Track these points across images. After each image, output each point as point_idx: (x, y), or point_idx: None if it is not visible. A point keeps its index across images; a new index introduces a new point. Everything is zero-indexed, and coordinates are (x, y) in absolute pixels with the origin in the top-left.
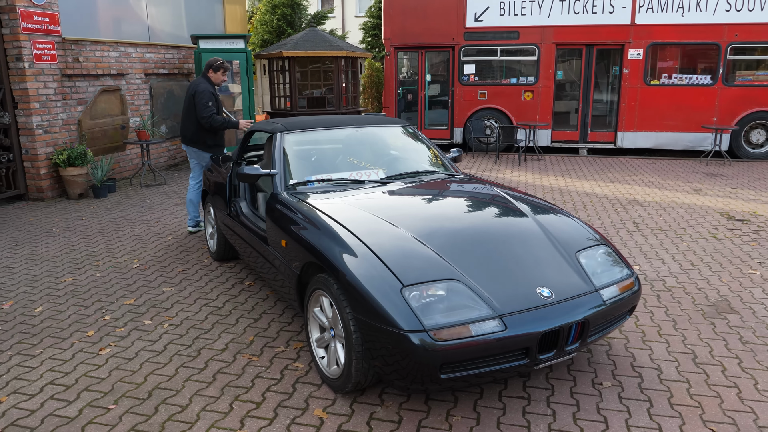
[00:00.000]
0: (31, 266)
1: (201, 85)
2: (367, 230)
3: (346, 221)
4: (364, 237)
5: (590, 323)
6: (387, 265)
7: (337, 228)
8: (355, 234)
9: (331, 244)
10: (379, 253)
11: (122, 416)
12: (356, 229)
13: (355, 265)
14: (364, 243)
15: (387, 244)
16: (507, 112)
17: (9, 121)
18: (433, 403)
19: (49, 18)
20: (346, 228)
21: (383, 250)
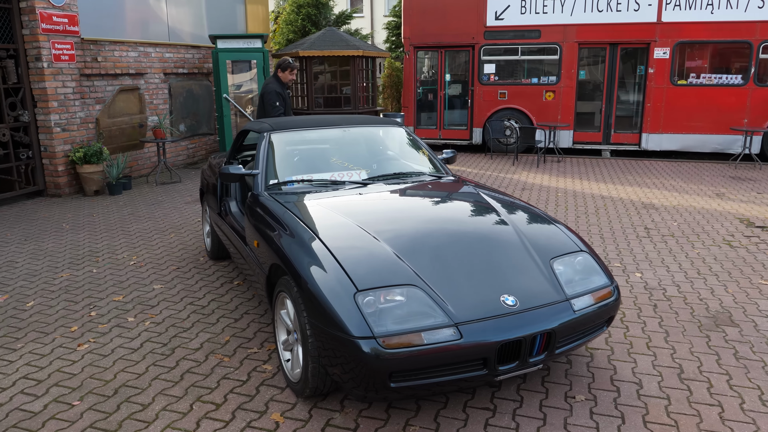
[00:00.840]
0: (33, 261)
1: (269, 86)
2: (333, 233)
3: (313, 223)
4: (327, 240)
5: (557, 334)
6: (345, 269)
7: (302, 230)
8: (319, 236)
9: (294, 245)
10: (339, 256)
11: (84, 413)
12: (321, 231)
13: (313, 268)
14: (326, 246)
15: (349, 248)
16: (527, 112)
17: (29, 119)
18: (394, 411)
19: (68, 19)
20: (312, 230)
21: (344, 253)
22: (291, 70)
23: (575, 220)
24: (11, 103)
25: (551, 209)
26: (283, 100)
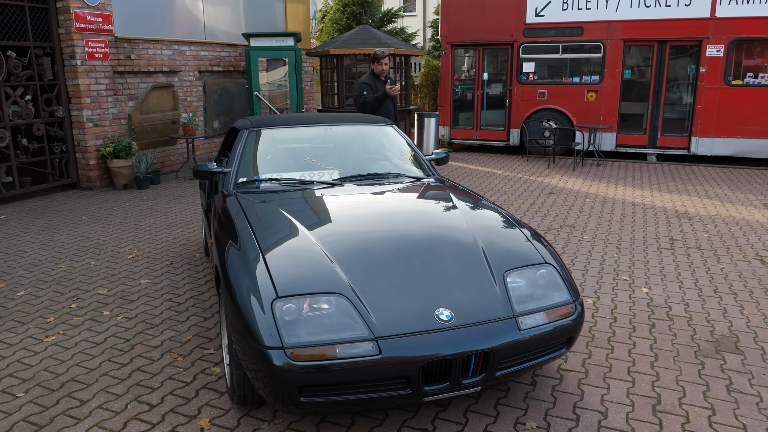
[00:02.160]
0: (41, 251)
1: (361, 78)
2: (274, 236)
3: (258, 225)
4: (264, 243)
5: (496, 355)
6: (271, 274)
7: (244, 231)
8: (257, 239)
9: (231, 247)
10: (270, 260)
11: (24, 405)
12: (263, 233)
13: (240, 271)
14: (261, 249)
15: (283, 252)
16: (568, 113)
17: (63, 114)
18: (326, 425)
19: (102, 18)
20: (254, 232)
21: (276, 258)
22: (378, 61)
23: (595, 228)
24: (47, 99)
25: (572, 216)
26: (372, 90)
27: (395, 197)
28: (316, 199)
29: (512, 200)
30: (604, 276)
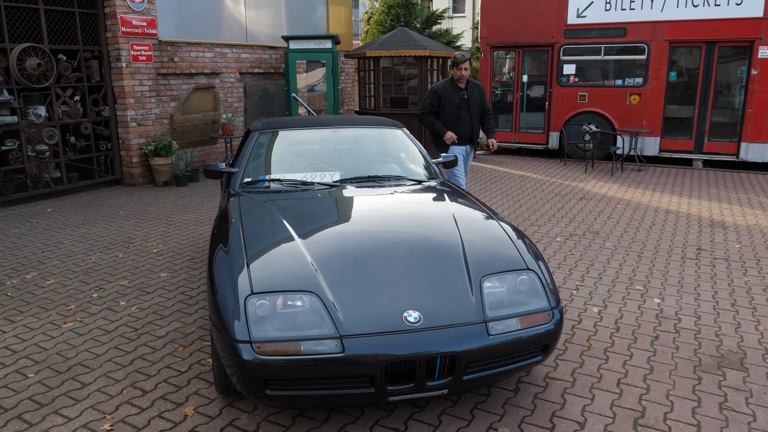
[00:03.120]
0: (76, 243)
1: (434, 84)
2: (261, 235)
3: (249, 223)
4: (250, 241)
5: (462, 359)
6: (250, 271)
7: (235, 229)
8: (244, 237)
9: (221, 243)
10: (252, 258)
11: (32, 385)
12: (252, 232)
13: (223, 267)
14: (245, 247)
15: (267, 251)
16: (609, 116)
17: (109, 114)
18: (302, 419)
19: (147, 23)
20: (242, 230)
21: (258, 256)
22: (456, 66)
23: (619, 236)
24: (94, 99)
25: (599, 222)
26: (438, 99)
27: (390, 200)
28: (312, 200)
29: (540, 204)
30: (617, 285)
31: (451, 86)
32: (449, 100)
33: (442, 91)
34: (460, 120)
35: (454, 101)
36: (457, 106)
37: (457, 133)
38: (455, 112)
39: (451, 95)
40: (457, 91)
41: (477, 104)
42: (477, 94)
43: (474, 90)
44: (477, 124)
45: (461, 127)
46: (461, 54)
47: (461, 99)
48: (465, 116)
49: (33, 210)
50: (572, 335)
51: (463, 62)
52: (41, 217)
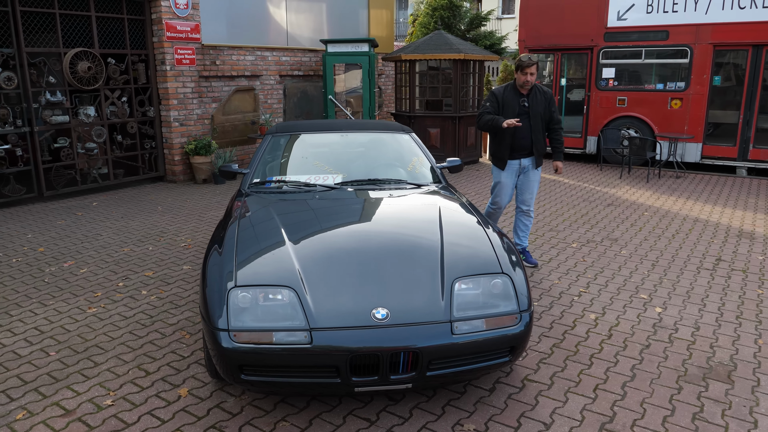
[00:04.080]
0: (113, 236)
1: (496, 87)
2: (255, 233)
3: (246, 222)
4: (242, 238)
5: (425, 355)
6: (236, 266)
7: (231, 226)
8: (238, 235)
9: (216, 240)
10: (241, 254)
11: (51, 362)
12: (246, 230)
13: (214, 261)
14: (237, 244)
15: (255, 248)
16: (649, 121)
17: (154, 114)
18: (283, 405)
19: (191, 28)
20: (238, 227)
21: (246, 251)
22: (524, 70)
23: (638, 243)
24: (140, 100)
25: (621, 229)
26: (497, 102)
27: (383, 203)
28: (310, 202)
29: (565, 209)
30: (622, 293)
31: (512, 91)
32: (507, 107)
33: (502, 95)
34: (517, 129)
35: (513, 108)
36: (515, 114)
37: (514, 144)
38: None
39: (511, 101)
40: (518, 97)
41: (540, 113)
42: (542, 103)
43: (538, 97)
44: (540, 137)
45: (518, 138)
46: (527, 57)
47: (521, 106)
48: (524, 126)
49: (80, 203)
50: (562, 340)
51: (529, 66)
52: (87, 210)
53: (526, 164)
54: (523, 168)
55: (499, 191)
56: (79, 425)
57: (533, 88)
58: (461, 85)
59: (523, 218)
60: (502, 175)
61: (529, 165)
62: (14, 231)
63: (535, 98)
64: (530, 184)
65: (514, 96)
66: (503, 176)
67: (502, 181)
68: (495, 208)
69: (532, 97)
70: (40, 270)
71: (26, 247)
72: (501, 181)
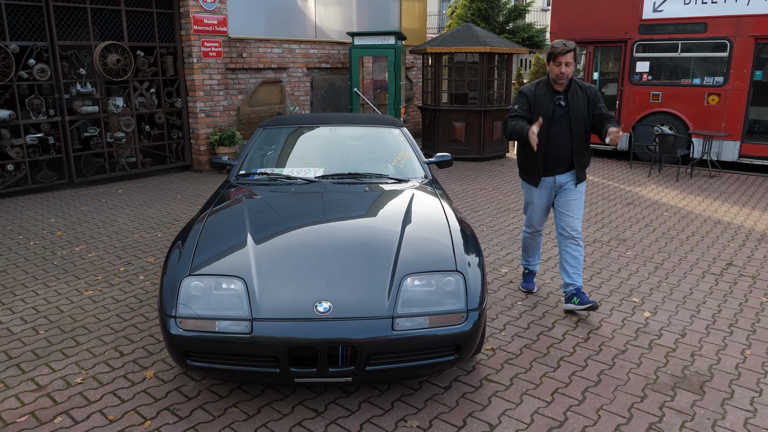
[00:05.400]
0: (128, 222)
1: (525, 85)
2: (220, 223)
3: (217, 212)
4: (207, 227)
5: (363, 349)
6: (194, 255)
7: (201, 216)
8: (205, 223)
9: (186, 229)
10: (201, 244)
11: (39, 341)
12: (214, 220)
13: (175, 248)
14: (201, 233)
15: (217, 238)
16: (684, 117)
17: (181, 105)
18: (238, 392)
19: (218, 21)
20: (207, 218)
21: (208, 241)
22: (557, 59)
23: (647, 245)
24: (168, 92)
25: (633, 229)
26: (528, 103)
27: (355, 198)
28: (284, 194)
29: None
30: (614, 295)
31: (545, 89)
32: (539, 108)
33: (533, 93)
34: (552, 137)
35: (546, 109)
36: (548, 117)
37: (548, 155)
38: (545, 126)
39: (543, 100)
40: (552, 96)
41: (582, 115)
42: (583, 101)
43: (578, 95)
44: (582, 145)
45: (553, 147)
46: (561, 43)
47: (556, 106)
48: (561, 132)
49: (107, 190)
50: (535, 341)
51: (563, 54)
52: (111, 197)
53: (564, 181)
54: (560, 186)
55: (531, 213)
56: (45, 400)
57: (571, 83)
58: (488, 78)
59: (569, 247)
60: (534, 194)
61: (567, 182)
62: (40, 215)
63: (574, 96)
64: (571, 203)
65: (548, 95)
66: (535, 194)
67: (534, 201)
68: (531, 232)
69: (570, 94)
70: (52, 253)
71: (46, 230)
72: (533, 201)
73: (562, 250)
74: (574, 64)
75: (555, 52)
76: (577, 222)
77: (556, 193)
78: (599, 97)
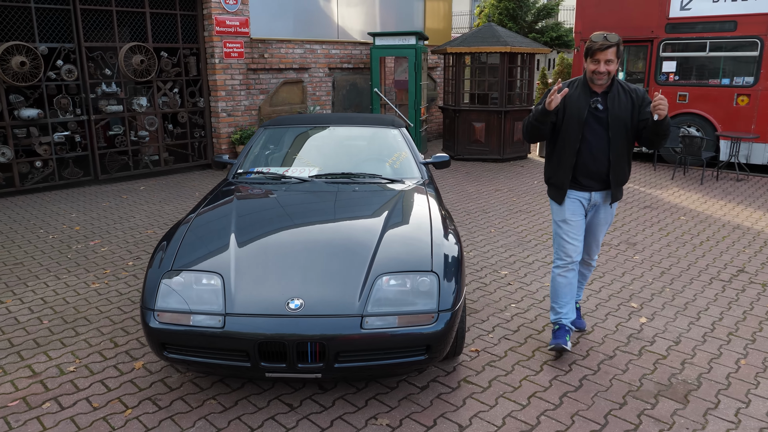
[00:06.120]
0: (144, 218)
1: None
2: (208, 220)
3: (207, 209)
4: (194, 224)
5: (331, 346)
6: (178, 250)
7: (191, 214)
8: (193, 220)
9: (176, 227)
10: (186, 239)
11: (41, 329)
12: (202, 217)
13: (162, 243)
14: (187, 230)
15: (202, 234)
16: (711, 118)
17: (203, 105)
18: (219, 384)
19: (240, 22)
20: (195, 214)
21: (192, 238)
22: (594, 55)
23: (657, 250)
24: (191, 91)
25: (645, 233)
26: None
27: (343, 198)
28: (273, 193)
29: None
30: (613, 300)
31: (581, 89)
32: (572, 110)
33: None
34: (585, 144)
35: (579, 113)
36: (581, 122)
37: (579, 165)
38: (577, 132)
39: (577, 102)
40: (588, 97)
41: (624, 122)
42: (626, 106)
43: (620, 98)
44: (621, 157)
45: (587, 157)
46: (601, 36)
47: (591, 110)
48: (596, 141)
49: (129, 187)
50: (521, 344)
51: (602, 50)
52: (132, 194)
53: (599, 201)
54: (594, 205)
55: (565, 236)
56: (38, 386)
57: (614, 84)
58: (509, 78)
59: (582, 268)
60: (566, 212)
61: (601, 201)
62: (63, 210)
63: (615, 99)
64: (599, 228)
65: (583, 95)
66: (567, 212)
67: (567, 220)
68: (564, 264)
69: (611, 97)
70: (68, 246)
71: (66, 225)
72: (566, 218)
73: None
74: (617, 62)
75: (593, 47)
76: (596, 249)
77: (587, 213)
78: (648, 101)
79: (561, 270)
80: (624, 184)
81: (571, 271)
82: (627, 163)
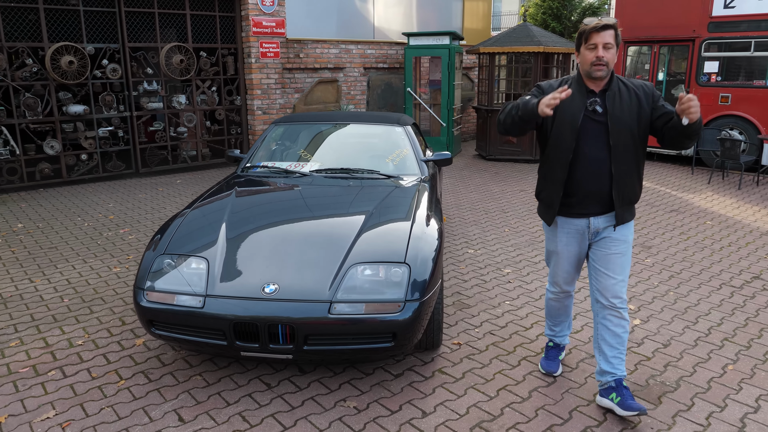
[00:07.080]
0: (175, 209)
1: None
2: (206, 209)
3: (208, 199)
4: (193, 213)
5: (299, 329)
6: (173, 236)
7: (192, 204)
8: (192, 209)
9: (175, 214)
10: (183, 226)
11: (60, 307)
12: (201, 206)
13: (159, 231)
14: (184, 217)
15: (197, 222)
16: (755, 121)
17: (240, 103)
18: (207, 362)
19: (276, 23)
20: (197, 203)
21: (188, 225)
22: (588, 40)
23: (672, 254)
24: (228, 90)
25: (664, 237)
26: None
27: (336, 191)
28: (274, 185)
29: None
30: None
31: (575, 88)
32: (564, 115)
33: (548, 87)
34: (581, 156)
35: (573, 118)
36: (575, 129)
37: (572, 182)
38: (570, 141)
39: (571, 105)
40: (583, 98)
41: (629, 126)
42: (629, 107)
43: (622, 97)
44: (625, 170)
45: (581, 175)
46: (595, 21)
47: (587, 113)
48: (594, 151)
49: (166, 180)
50: (505, 340)
51: (598, 31)
52: (169, 187)
53: (602, 226)
54: (596, 232)
55: (555, 266)
56: (48, 356)
57: (613, 80)
58: (543, 78)
59: (609, 320)
60: (558, 243)
61: (606, 227)
62: (102, 200)
63: (616, 99)
64: (611, 259)
65: (578, 95)
66: (560, 244)
67: (558, 251)
68: (556, 292)
69: (610, 96)
70: (99, 234)
71: (101, 214)
72: (556, 250)
73: (599, 323)
74: (616, 50)
75: (587, 29)
76: (620, 286)
77: (591, 243)
78: (658, 95)
79: (553, 296)
80: (634, 203)
81: (564, 297)
82: (636, 177)
